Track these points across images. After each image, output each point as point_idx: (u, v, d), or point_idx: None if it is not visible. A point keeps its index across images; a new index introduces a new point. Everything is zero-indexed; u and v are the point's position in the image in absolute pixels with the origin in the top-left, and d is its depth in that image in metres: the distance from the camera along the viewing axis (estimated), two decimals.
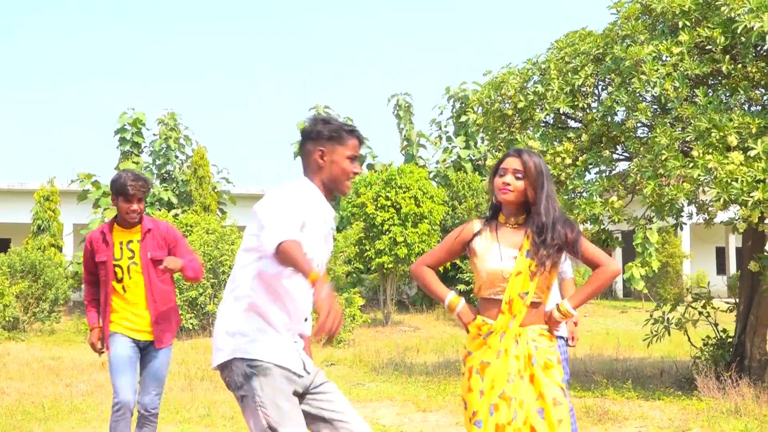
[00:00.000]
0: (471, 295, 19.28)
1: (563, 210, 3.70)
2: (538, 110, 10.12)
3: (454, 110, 24.23)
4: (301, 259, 3.08)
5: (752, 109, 9.04)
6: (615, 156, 10.11)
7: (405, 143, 23.81)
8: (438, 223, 19.23)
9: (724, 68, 8.89)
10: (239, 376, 3.30)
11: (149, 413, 4.98)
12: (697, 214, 9.52)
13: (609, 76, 9.74)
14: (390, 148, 69.27)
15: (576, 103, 9.99)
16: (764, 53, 9.15)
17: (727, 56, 8.96)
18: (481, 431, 3.52)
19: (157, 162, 23.74)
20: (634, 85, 9.01)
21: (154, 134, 23.95)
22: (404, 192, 18.53)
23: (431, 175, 22.97)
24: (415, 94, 57.81)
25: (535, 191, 3.63)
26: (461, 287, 19.39)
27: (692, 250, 24.95)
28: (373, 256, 18.35)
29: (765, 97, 9.21)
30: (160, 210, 21.97)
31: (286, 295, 3.38)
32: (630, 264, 9.43)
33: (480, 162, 23.74)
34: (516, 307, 3.58)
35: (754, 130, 8.24)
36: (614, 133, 9.61)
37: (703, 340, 10.37)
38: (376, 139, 57.64)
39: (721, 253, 30.63)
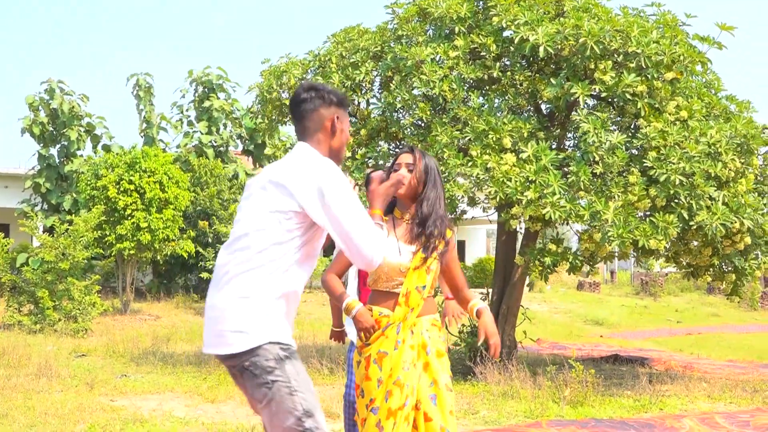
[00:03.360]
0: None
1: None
2: None
3: (197, 94, 23.68)
4: None
5: (523, 114, 9.75)
6: (394, 151, 10.47)
7: (145, 125, 22.88)
8: (182, 209, 18.73)
9: (495, 74, 9.53)
10: (269, 360, 3.03)
11: None
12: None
13: (388, 74, 10.08)
14: (128, 129, 66.15)
15: (355, 98, 10.23)
16: (533, 64, 9.91)
17: (498, 63, 9.63)
18: (376, 417, 3.63)
19: None
20: (415, 84, 9.40)
21: None
22: (149, 176, 17.85)
23: (172, 160, 22.30)
24: (157, 76, 55.74)
25: (422, 185, 3.81)
26: (204, 275, 19.05)
27: None
28: (114, 242, 17.52)
29: (531, 105, 9.97)
30: None
31: (309, 267, 3.22)
32: None
33: (222, 148, 23.42)
34: (413, 299, 3.72)
35: (525, 134, 8.92)
36: (392, 129, 9.96)
37: (459, 328, 11.02)
38: (114, 120, 54.83)
39: None
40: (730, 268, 9.82)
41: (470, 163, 8.77)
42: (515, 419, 7.13)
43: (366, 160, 9.98)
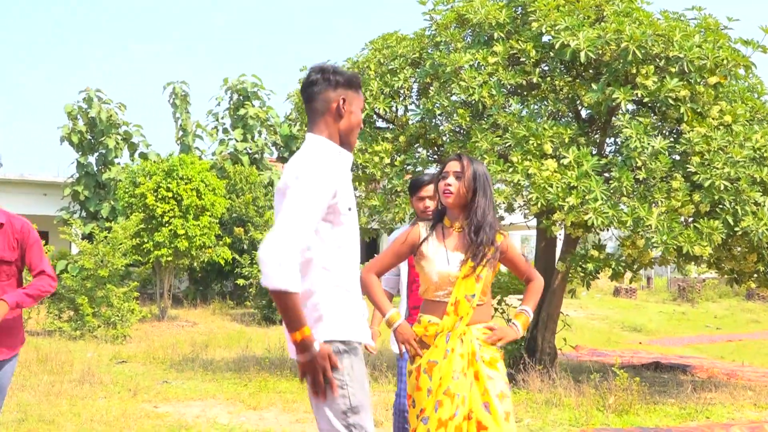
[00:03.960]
0: (250, 290, 19.10)
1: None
2: None
3: (232, 102, 23.81)
4: (298, 313, 2.91)
5: (563, 120, 9.69)
6: (433, 158, 10.46)
7: (181, 133, 23.04)
8: (219, 216, 18.83)
9: (534, 80, 9.48)
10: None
11: None
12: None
13: (427, 80, 10.06)
14: (164, 137, 66.78)
15: (393, 104, 10.24)
16: (572, 69, 9.84)
17: (537, 69, 9.58)
18: (426, 427, 3.61)
19: None
20: (454, 90, 9.38)
21: None
22: (186, 183, 17.97)
23: (208, 167, 22.41)
24: (192, 84, 56.10)
25: (471, 193, 3.76)
26: (241, 282, 19.13)
27: None
28: (152, 249, 17.65)
29: (570, 111, 9.91)
30: None
31: (349, 252, 3.18)
32: None
33: (257, 155, 23.53)
34: (462, 308, 3.70)
35: (566, 140, 8.86)
36: (431, 135, 9.94)
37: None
38: (149, 128, 55.25)
39: None
40: None
41: (511, 170, 8.72)
42: (560, 428, 7.07)
43: (405, 166, 9.97)
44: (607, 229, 9.18)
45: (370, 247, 26.74)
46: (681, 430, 7.03)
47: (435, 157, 10.62)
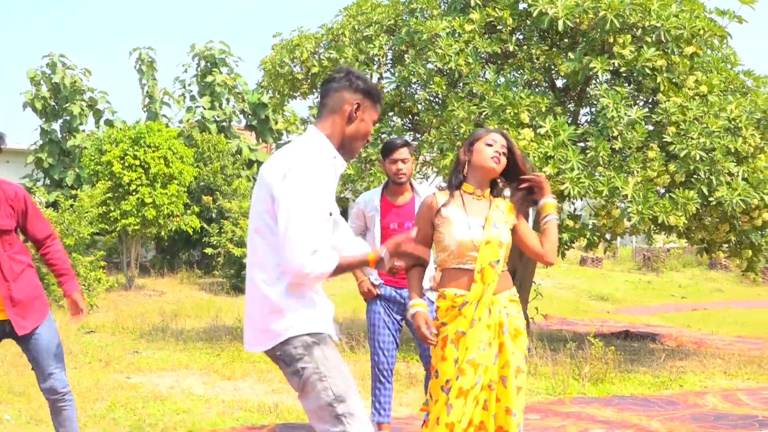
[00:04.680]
0: (218, 259, 18.94)
1: None
2: None
3: (200, 69, 23.45)
4: (353, 261, 3.14)
5: (538, 89, 9.65)
6: (408, 126, 10.37)
7: (147, 100, 22.67)
8: (186, 184, 18.60)
9: (511, 48, 9.41)
10: (297, 348, 3.01)
11: (60, 394, 4.34)
12: None
13: (402, 48, 9.95)
14: (130, 104, 65.50)
15: (368, 71, 10.12)
16: (548, 38, 9.78)
17: (514, 37, 9.51)
18: (446, 396, 3.58)
19: None
20: (430, 58, 9.28)
21: None
22: (153, 151, 17.71)
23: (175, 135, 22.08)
24: (159, 50, 55.15)
25: (520, 165, 3.85)
26: (209, 251, 18.97)
27: None
28: (119, 217, 17.41)
29: (545, 80, 9.86)
30: None
31: None
32: None
33: (225, 123, 23.25)
34: (488, 275, 3.63)
35: (543, 109, 8.82)
36: (407, 103, 9.85)
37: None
38: (116, 95, 54.22)
39: None
40: (745, 244, 9.75)
41: None
42: (537, 396, 7.09)
43: (380, 135, 9.87)
44: (582, 199, 9.19)
45: (341, 216, 26.62)
46: (656, 398, 7.08)
47: (410, 125, 10.54)
